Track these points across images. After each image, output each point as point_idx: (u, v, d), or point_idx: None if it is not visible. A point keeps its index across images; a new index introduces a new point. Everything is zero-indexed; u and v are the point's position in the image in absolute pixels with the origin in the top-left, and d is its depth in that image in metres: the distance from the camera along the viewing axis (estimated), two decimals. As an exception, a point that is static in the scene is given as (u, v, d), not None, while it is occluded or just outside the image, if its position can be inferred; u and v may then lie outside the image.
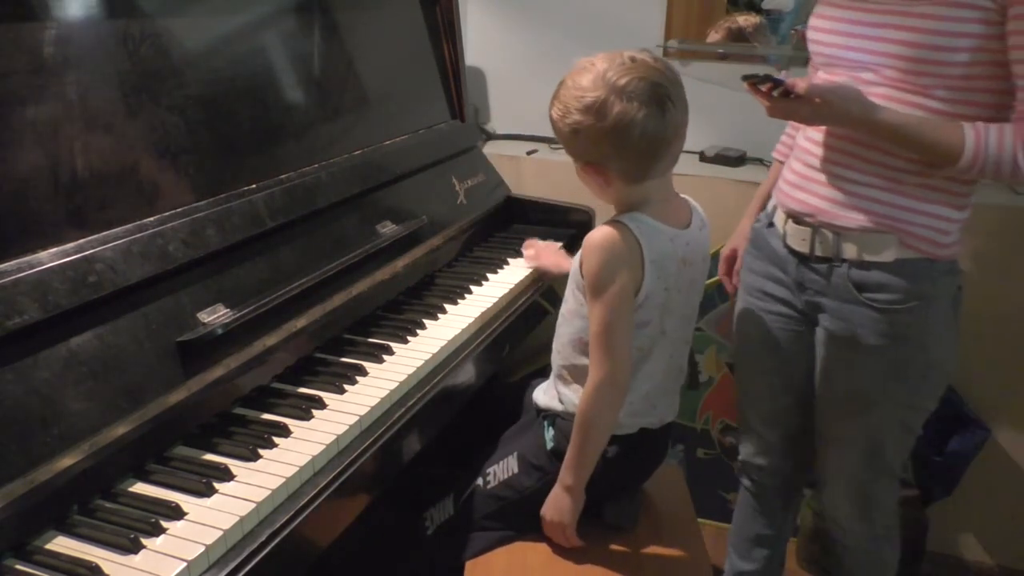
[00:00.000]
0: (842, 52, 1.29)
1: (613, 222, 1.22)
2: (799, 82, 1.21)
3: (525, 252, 1.76)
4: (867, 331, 1.30)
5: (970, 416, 2.00)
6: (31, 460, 0.87)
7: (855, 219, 1.28)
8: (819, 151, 1.33)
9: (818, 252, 1.33)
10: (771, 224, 1.46)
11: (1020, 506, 2.04)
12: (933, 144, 1.19)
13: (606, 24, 2.39)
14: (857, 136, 1.27)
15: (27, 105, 1.00)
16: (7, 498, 0.84)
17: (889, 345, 1.29)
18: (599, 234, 1.21)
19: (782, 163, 1.52)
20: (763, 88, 1.24)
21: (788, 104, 1.24)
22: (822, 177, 1.32)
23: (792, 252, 1.39)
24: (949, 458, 2.02)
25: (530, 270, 1.70)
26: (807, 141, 1.36)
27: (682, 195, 1.32)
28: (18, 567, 0.86)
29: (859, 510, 1.46)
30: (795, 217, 1.37)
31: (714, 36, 2.30)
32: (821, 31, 1.34)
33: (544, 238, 1.83)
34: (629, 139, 1.15)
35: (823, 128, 1.32)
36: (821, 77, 1.35)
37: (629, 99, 1.13)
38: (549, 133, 2.40)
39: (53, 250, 0.99)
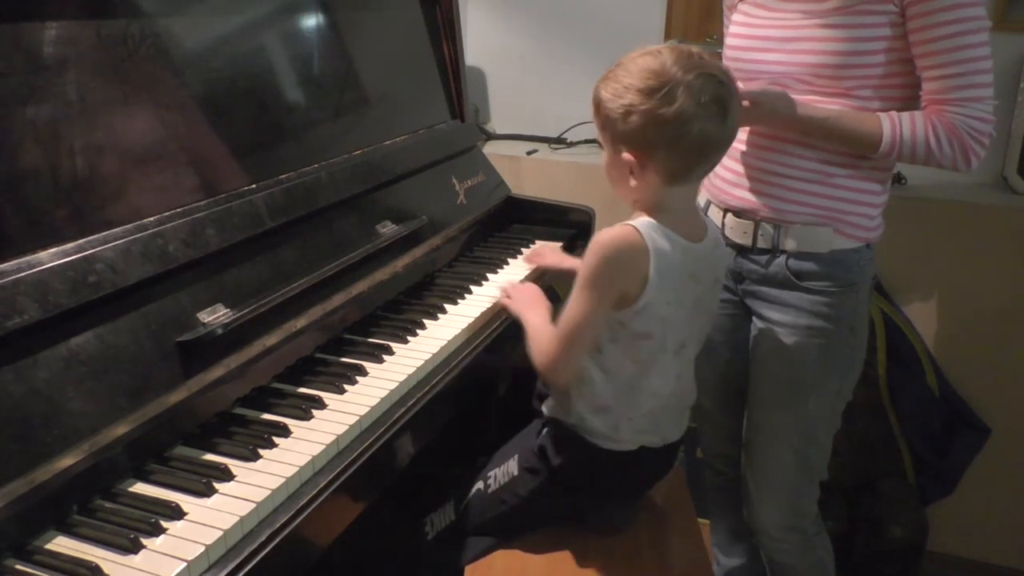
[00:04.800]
0: (764, 66, 1.38)
1: (626, 226, 1.17)
2: None
3: (527, 256, 1.76)
4: (804, 314, 1.39)
5: (970, 416, 2.01)
6: (31, 460, 0.87)
7: (795, 214, 1.37)
8: (754, 151, 1.41)
9: (760, 244, 1.41)
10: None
11: (1020, 506, 2.04)
12: (854, 134, 1.30)
13: (606, 24, 2.40)
14: (787, 135, 1.36)
15: (27, 105, 1.00)
16: (7, 498, 0.84)
17: (823, 327, 1.38)
18: (609, 235, 1.17)
19: None
20: None
21: None
22: (759, 175, 1.40)
23: (730, 244, 1.46)
24: (949, 458, 2.02)
25: (530, 269, 1.70)
26: (739, 142, 1.43)
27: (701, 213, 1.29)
28: (18, 567, 0.86)
29: (790, 519, 1.50)
30: (735, 212, 1.44)
31: None
32: (739, 48, 1.43)
33: (544, 238, 1.84)
34: (686, 134, 1.11)
35: (755, 129, 1.40)
36: (740, 87, 1.39)
37: (697, 93, 1.10)
38: (549, 133, 2.44)
39: (53, 250, 0.99)
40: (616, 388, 1.24)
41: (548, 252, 1.73)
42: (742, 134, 1.42)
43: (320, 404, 1.17)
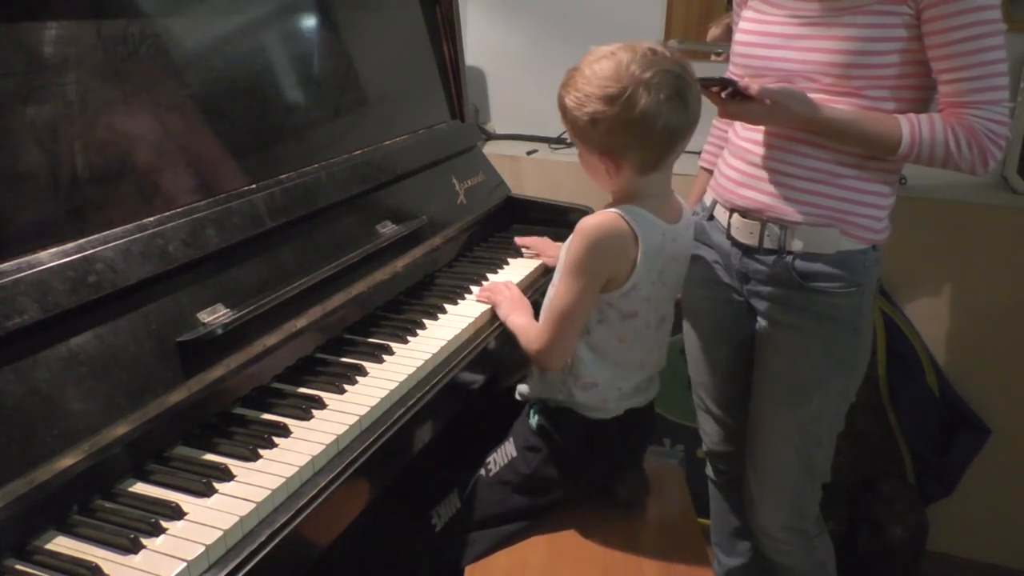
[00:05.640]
0: (773, 63, 1.37)
1: (610, 212, 1.23)
2: (752, 85, 1.29)
3: (527, 252, 1.78)
4: (809, 315, 1.38)
5: (970, 416, 2.01)
6: (31, 460, 0.87)
7: (801, 214, 1.36)
8: (762, 150, 1.40)
9: (767, 245, 1.40)
10: (711, 217, 1.52)
11: (1020, 506, 2.04)
12: (874, 136, 1.29)
13: (606, 24, 2.40)
14: (797, 135, 1.35)
15: (27, 105, 1.00)
16: (7, 498, 0.84)
17: (827, 327, 1.38)
18: (594, 220, 1.22)
19: (709, 172, 1.60)
20: (714, 90, 1.32)
21: (740, 105, 1.32)
22: (767, 175, 1.39)
23: (736, 244, 1.45)
24: (949, 458, 2.02)
25: (531, 269, 1.71)
26: (747, 141, 1.42)
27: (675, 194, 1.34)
28: (18, 567, 0.86)
29: (793, 520, 1.50)
30: (741, 212, 1.43)
31: (714, 32, 2.31)
32: (749, 44, 1.42)
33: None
34: (652, 130, 1.16)
35: (763, 128, 1.39)
36: (759, 86, 1.39)
37: (656, 91, 1.14)
38: (549, 133, 2.44)
39: (53, 250, 0.99)
40: (604, 366, 1.30)
41: (543, 246, 1.76)
42: (750, 133, 1.41)
43: (320, 404, 1.17)
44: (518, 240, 1.81)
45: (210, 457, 1.05)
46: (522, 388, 1.42)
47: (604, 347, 1.29)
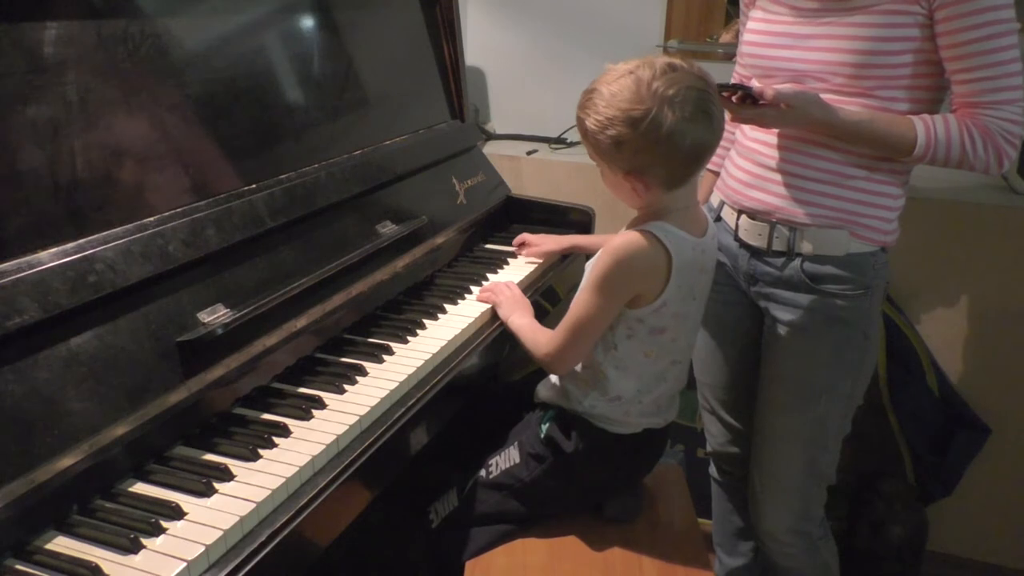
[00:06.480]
0: (782, 63, 1.36)
1: (641, 231, 1.21)
2: (766, 90, 1.27)
3: (524, 251, 1.77)
4: (818, 317, 1.38)
5: (971, 416, 2.01)
6: (31, 460, 0.87)
7: (811, 216, 1.35)
8: (771, 152, 1.39)
9: (775, 247, 1.40)
10: (718, 218, 1.52)
11: (1020, 506, 2.04)
12: (888, 138, 1.28)
13: (606, 24, 2.40)
14: (806, 136, 1.34)
15: (27, 105, 1.00)
16: (7, 498, 0.85)
17: (836, 330, 1.38)
18: (624, 239, 1.20)
19: (717, 173, 1.59)
20: (724, 94, 1.30)
21: (753, 110, 1.30)
22: (777, 177, 1.38)
23: (744, 246, 1.45)
24: (949, 458, 2.02)
25: (531, 269, 1.71)
26: (755, 142, 1.42)
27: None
28: (18, 567, 0.86)
29: (797, 522, 1.50)
30: (749, 213, 1.42)
31: (725, 38, 2.31)
32: (757, 44, 1.41)
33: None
34: (680, 148, 1.14)
35: (773, 130, 1.38)
36: (774, 90, 1.38)
37: (681, 109, 1.12)
38: (549, 133, 2.44)
39: (53, 250, 0.99)
40: (629, 379, 1.29)
41: (545, 240, 1.75)
42: (758, 134, 1.41)
43: (320, 404, 1.17)
44: (516, 249, 1.79)
45: (210, 457, 1.05)
46: (540, 391, 1.41)
47: (630, 362, 1.28)
